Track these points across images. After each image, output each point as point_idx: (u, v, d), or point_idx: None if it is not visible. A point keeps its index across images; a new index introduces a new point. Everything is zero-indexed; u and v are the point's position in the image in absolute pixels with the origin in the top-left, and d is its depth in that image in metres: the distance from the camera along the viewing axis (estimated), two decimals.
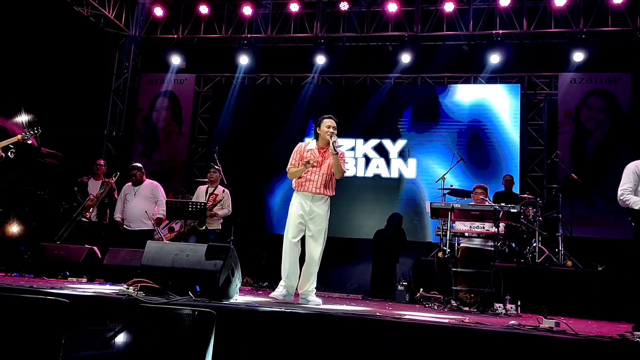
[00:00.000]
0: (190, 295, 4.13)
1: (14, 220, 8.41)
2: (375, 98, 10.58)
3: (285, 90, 11.33)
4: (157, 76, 11.68)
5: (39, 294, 3.64)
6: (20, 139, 5.27)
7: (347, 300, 7.05)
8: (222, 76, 11.68)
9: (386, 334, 3.43)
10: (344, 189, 10.30)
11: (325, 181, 5.20)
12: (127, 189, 7.53)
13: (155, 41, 11.70)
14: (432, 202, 6.37)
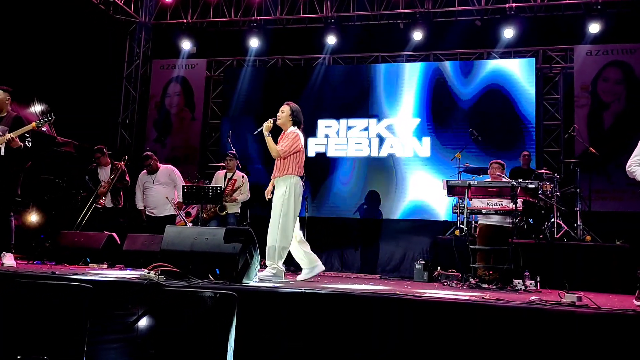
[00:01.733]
0: (210, 278, 4.16)
1: (33, 209, 8.52)
2: (387, 77, 10.49)
3: (297, 72, 11.27)
4: (168, 62, 11.67)
5: (62, 280, 3.69)
6: (34, 126, 5.28)
7: (364, 280, 7.07)
8: (232, 60, 11.64)
9: (406, 312, 3.43)
10: (357, 170, 10.30)
11: (277, 164, 5.35)
12: (144, 177, 7.57)
13: (165, 27, 11.68)
14: (448, 180, 6.33)
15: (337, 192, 10.33)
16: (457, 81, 10.16)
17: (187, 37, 11.28)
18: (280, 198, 5.20)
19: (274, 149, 5.26)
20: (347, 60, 11.16)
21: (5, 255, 5.17)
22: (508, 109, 9.84)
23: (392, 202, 10.03)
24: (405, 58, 10.73)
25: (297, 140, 5.32)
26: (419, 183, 10.00)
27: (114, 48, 11.59)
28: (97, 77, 11.01)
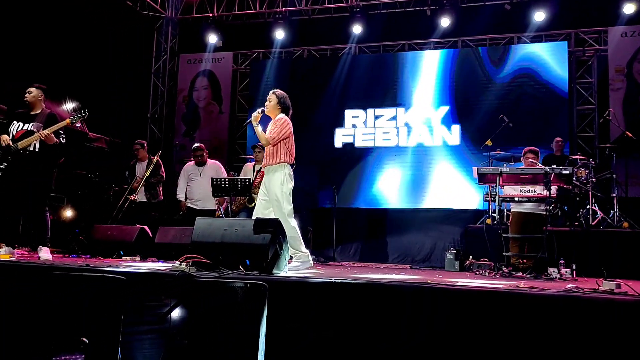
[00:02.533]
0: (240, 269, 4.17)
1: (68, 204, 8.69)
2: (414, 65, 10.37)
3: (323, 63, 11.21)
4: (195, 56, 11.75)
5: (97, 272, 3.74)
6: (69, 122, 5.37)
7: (394, 270, 7.01)
8: (258, 52, 11.65)
9: (439, 301, 3.38)
10: (386, 159, 10.22)
11: (268, 152, 5.30)
12: (191, 169, 7.65)
13: (191, 21, 11.75)
14: (479, 167, 6.21)
15: (365, 182, 10.27)
16: (486, 67, 9.98)
17: (213, 31, 11.33)
18: (279, 188, 5.16)
19: (263, 137, 5.24)
20: (373, 49, 11.06)
21: (41, 249, 5.28)
22: (540, 94, 9.64)
23: (421, 191, 9.93)
24: (432, 45, 10.59)
25: (286, 126, 5.31)
26: (448, 172, 9.88)
27: (142, 44, 11.72)
28: (126, 73, 11.16)
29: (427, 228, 9.86)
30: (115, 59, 10.70)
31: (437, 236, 9.75)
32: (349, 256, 9.89)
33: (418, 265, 8.66)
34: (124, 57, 10.96)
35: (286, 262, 4.58)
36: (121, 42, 10.79)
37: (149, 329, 3.69)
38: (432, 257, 9.48)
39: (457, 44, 10.52)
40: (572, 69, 9.84)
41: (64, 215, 8.58)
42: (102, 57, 10.40)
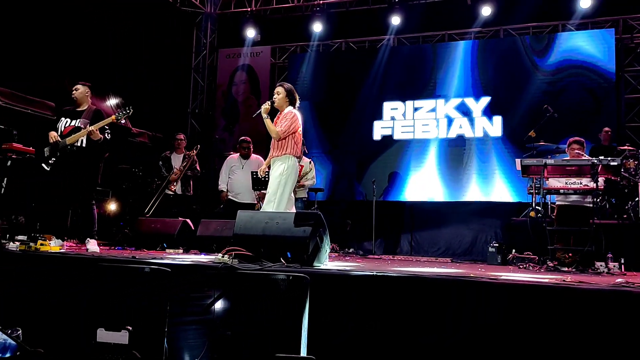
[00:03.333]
0: (282, 261, 4.20)
1: (113, 197, 8.92)
2: (454, 55, 10.19)
3: (361, 55, 11.15)
4: (234, 50, 11.85)
5: (142, 264, 3.83)
6: (114, 119, 5.49)
7: (435, 263, 6.95)
8: (296, 45, 11.67)
9: (482, 295, 3.34)
10: (424, 152, 10.11)
11: (274, 144, 5.34)
12: (234, 161, 7.74)
13: (229, 16, 11.85)
14: (523, 159, 6.09)
15: (405, 175, 10.18)
16: (529, 57, 9.74)
17: (252, 25, 11.40)
18: (278, 178, 5.21)
19: (274, 130, 5.26)
20: (412, 41, 10.94)
21: (89, 242, 5.43)
22: (586, 83, 9.36)
23: (462, 183, 9.79)
24: (473, 35, 10.40)
25: (295, 120, 5.32)
26: (489, 164, 9.71)
27: (182, 39, 11.90)
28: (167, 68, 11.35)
29: (467, 221, 9.73)
30: (156, 55, 10.89)
31: (478, 229, 9.62)
32: (389, 249, 9.85)
33: (459, 259, 8.55)
34: (164, 53, 11.15)
35: (327, 255, 4.60)
36: (162, 38, 10.98)
37: (193, 320, 3.75)
38: (473, 251, 9.36)
39: (498, 34, 10.30)
40: (620, 56, 9.50)
41: (108, 209, 8.80)
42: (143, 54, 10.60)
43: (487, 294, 3.32)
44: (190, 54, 12.09)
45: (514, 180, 9.27)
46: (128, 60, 10.24)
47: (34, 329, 3.90)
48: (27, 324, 3.89)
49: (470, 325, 3.27)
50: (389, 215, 9.97)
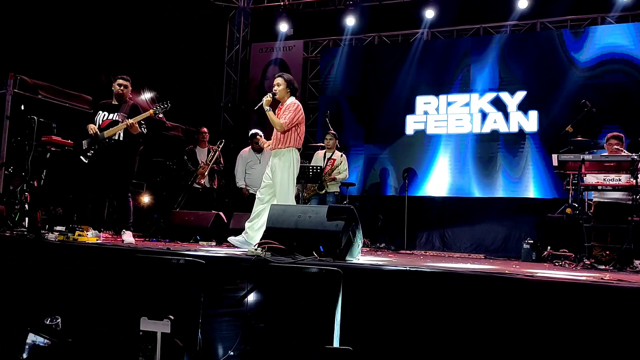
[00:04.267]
0: (314, 255, 4.21)
1: (147, 190, 9.07)
2: (489, 49, 10.01)
3: (394, 49, 11.06)
4: (266, 45, 11.89)
5: (177, 255, 3.88)
6: (152, 113, 5.58)
7: (468, 259, 6.88)
8: (329, 39, 11.65)
9: (517, 292, 3.29)
10: (458, 147, 10.00)
11: (277, 136, 5.28)
12: (249, 156, 7.77)
13: (263, 10, 11.90)
14: (560, 154, 5.96)
15: (438, 170, 10.08)
16: (567, 50, 9.51)
17: (284, 19, 11.42)
18: (283, 170, 5.16)
19: (277, 122, 5.19)
20: (446, 34, 10.80)
21: (125, 233, 5.54)
22: (625, 77, 9.09)
23: (496, 179, 9.65)
24: (509, 29, 10.20)
25: (299, 111, 5.28)
26: (525, 159, 9.54)
27: (215, 34, 12.00)
28: (200, 63, 11.46)
29: (501, 217, 9.60)
30: (189, 49, 11.01)
31: (511, 225, 9.48)
32: (420, 244, 9.79)
33: (492, 255, 8.44)
34: (198, 47, 11.26)
35: (359, 249, 4.59)
36: (196, 32, 11.09)
37: (227, 312, 3.80)
38: (506, 247, 9.22)
39: (535, 27, 10.09)
40: None
41: (142, 201, 8.95)
42: (178, 48, 10.73)
43: (523, 291, 3.27)
44: (223, 48, 12.18)
45: (550, 176, 9.09)
46: (162, 55, 10.38)
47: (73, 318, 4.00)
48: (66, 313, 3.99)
49: (506, 322, 3.23)
50: (421, 210, 9.90)
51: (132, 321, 3.48)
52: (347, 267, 3.62)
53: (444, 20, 10.45)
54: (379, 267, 3.77)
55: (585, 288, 3.22)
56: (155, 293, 3.64)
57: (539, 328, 3.16)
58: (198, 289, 3.59)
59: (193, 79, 11.19)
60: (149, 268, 3.75)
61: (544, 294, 3.23)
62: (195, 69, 11.26)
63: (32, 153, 5.89)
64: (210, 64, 11.97)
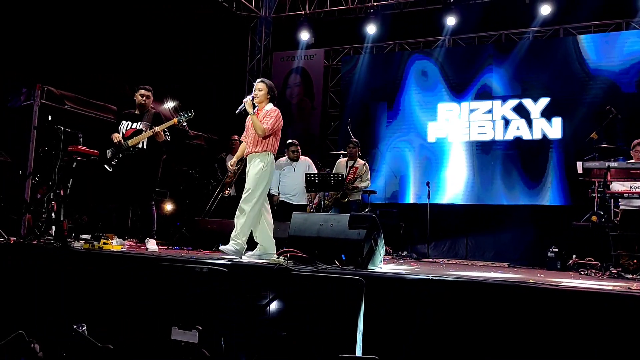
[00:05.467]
0: (336, 263, 4.21)
1: (170, 198, 9.17)
2: (512, 55, 9.95)
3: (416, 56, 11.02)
4: (287, 53, 11.97)
5: (200, 264, 3.92)
6: (176, 122, 5.62)
7: (492, 268, 6.81)
8: (350, 48, 11.68)
9: (543, 302, 3.24)
10: (480, 154, 9.92)
11: (255, 140, 5.19)
12: (284, 163, 7.81)
13: (284, 19, 11.99)
14: (584, 162, 5.88)
15: (460, 177, 10.02)
16: (591, 56, 9.39)
17: (306, 28, 11.48)
18: (257, 174, 5.10)
19: (260, 127, 5.12)
20: (467, 41, 10.75)
21: (149, 241, 5.60)
22: None
23: (519, 186, 9.55)
24: (531, 35, 10.12)
25: (279, 118, 5.26)
26: (548, 166, 9.42)
27: (237, 43, 12.10)
28: (222, 72, 11.57)
29: (524, 225, 9.46)
30: (212, 58, 11.12)
31: (535, 233, 9.33)
32: (443, 253, 9.71)
33: (516, 264, 8.33)
34: (220, 56, 11.37)
35: (382, 258, 4.58)
36: (217, 42, 11.21)
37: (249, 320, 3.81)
38: (530, 255, 9.07)
39: (558, 33, 9.99)
40: None
41: (165, 209, 9.05)
42: (200, 57, 10.85)
43: (548, 301, 3.22)
44: (245, 57, 12.29)
45: (574, 184, 8.95)
46: (185, 64, 10.50)
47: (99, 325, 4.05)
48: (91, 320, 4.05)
49: (530, 333, 3.19)
50: (443, 218, 9.82)
51: (160, 329, 3.51)
52: (369, 276, 3.61)
53: (465, 27, 10.40)
54: (401, 275, 3.75)
55: (612, 298, 3.16)
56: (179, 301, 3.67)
57: (564, 338, 3.11)
58: (221, 297, 3.61)
59: (215, 87, 11.30)
60: (173, 276, 3.79)
61: (569, 303, 3.18)
62: (217, 78, 11.36)
63: (59, 162, 5.98)
64: (233, 73, 12.08)
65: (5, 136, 7.86)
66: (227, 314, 3.66)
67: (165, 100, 10.06)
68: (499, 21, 10.37)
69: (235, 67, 12.15)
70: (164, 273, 3.86)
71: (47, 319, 4.26)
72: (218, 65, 11.38)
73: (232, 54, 11.98)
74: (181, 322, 3.47)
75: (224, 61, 11.59)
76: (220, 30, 11.36)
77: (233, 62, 12.07)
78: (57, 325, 3.97)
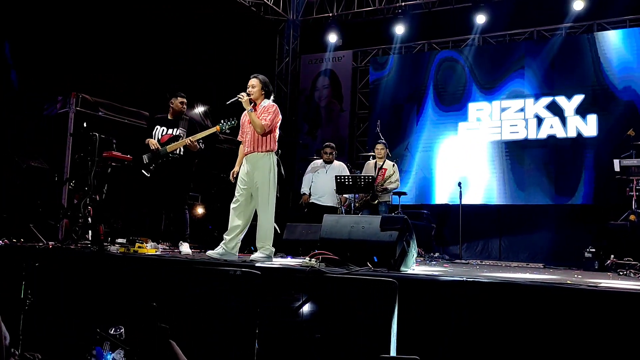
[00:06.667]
0: (368, 265, 4.19)
1: (201, 202, 9.27)
2: (544, 52, 9.78)
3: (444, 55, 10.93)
4: (315, 56, 12.00)
5: (234, 266, 3.95)
6: (218, 129, 5.56)
7: (527, 269, 6.69)
8: (378, 48, 11.65)
9: (581, 304, 3.17)
10: (513, 153, 9.76)
11: (254, 139, 5.06)
12: (318, 165, 7.84)
13: (312, 22, 12.02)
14: (622, 160, 5.75)
15: (492, 177, 9.88)
16: (628, 51, 9.17)
17: (333, 30, 11.50)
18: (267, 177, 4.99)
19: (259, 124, 4.97)
20: (498, 39, 10.61)
21: (182, 244, 5.68)
22: None
23: (553, 185, 9.38)
24: (564, 31, 9.92)
25: (278, 113, 5.12)
26: (584, 164, 9.23)
27: (265, 47, 12.18)
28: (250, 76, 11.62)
29: (559, 224, 9.29)
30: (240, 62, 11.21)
31: (570, 233, 9.15)
32: (476, 254, 9.59)
33: (551, 264, 8.17)
34: (248, 60, 11.45)
35: (414, 260, 4.54)
36: (246, 46, 11.30)
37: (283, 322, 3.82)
38: (566, 256, 8.88)
39: (592, 28, 9.78)
40: None
41: (197, 213, 9.15)
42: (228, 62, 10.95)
43: (588, 303, 3.15)
44: (273, 60, 12.36)
45: (610, 182, 8.73)
46: (213, 69, 10.61)
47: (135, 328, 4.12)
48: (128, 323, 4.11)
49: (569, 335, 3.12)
50: (475, 218, 9.69)
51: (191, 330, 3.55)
52: (402, 278, 3.59)
53: (495, 25, 10.28)
54: (435, 277, 3.72)
55: None
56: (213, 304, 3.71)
57: (604, 341, 3.04)
58: (254, 299, 3.64)
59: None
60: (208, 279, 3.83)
61: (609, 305, 3.10)
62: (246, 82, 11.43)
63: (94, 168, 6.10)
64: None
65: (43, 143, 8.06)
66: (260, 316, 3.68)
67: (195, 105, 10.18)
68: (531, 18, 10.21)
69: (264, 70, 12.19)
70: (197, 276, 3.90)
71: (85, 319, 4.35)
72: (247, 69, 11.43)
73: (261, 57, 12.06)
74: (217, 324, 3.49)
75: (252, 65, 11.65)
76: (249, 34, 11.45)
77: (261, 66, 12.13)
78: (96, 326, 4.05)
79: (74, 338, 4.28)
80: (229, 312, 3.66)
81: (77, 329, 4.35)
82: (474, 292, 3.42)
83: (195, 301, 3.86)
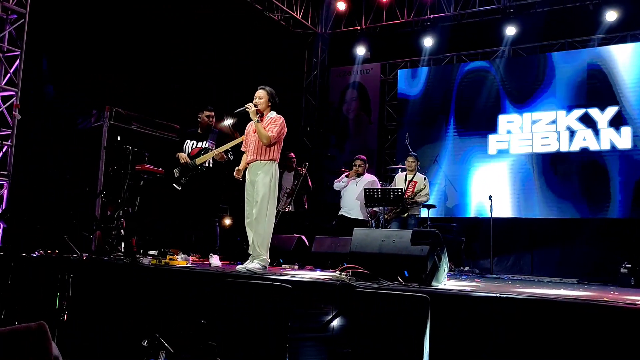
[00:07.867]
0: (399, 280, 4.16)
1: (230, 214, 9.32)
2: (576, 63, 9.64)
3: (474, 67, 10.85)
4: (344, 69, 12.04)
5: (265, 280, 3.96)
6: (243, 138, 5.64)
7: (561, 284, 6.55)
8: (406, 61, 11.63)
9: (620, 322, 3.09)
10: (544, 166, 9.61)
11: (258, 148, 5.14)
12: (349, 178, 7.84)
13: (340, 35, 12.08)
14: None
15: (524, 190, 9.74)
16: None
17: (362, 43, 11.55)
18: (267, 185, 5.01)
19: (265, 135, 5.05)
20: (528, 51, 10.50)
21: (212, 257, 5.73)
22: None
23: (587, 199, 9.19)
24: (596, 42, 9.76)
25: (284, 125, 5.20)
26: (618, 177, 9.03)
27: (294, 60, 12.27)
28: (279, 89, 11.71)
29: (593, 239, 9.07)
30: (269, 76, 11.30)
31: (605, 248, 8.93)
32: (507, 268, 9.43)
33: (585, 280, 7.99)
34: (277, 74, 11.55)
35: (445, 274, 4.49)
36: (275, 60, 11.40)
37: (313, 337, 3.82)
38: (600, 271, 8.68)
39: (625, 39, 9.60)
40: None
41: (225, 224, 9.20)
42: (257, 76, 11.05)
43: (626, 321, 3.07)
44: (302, 73, 12.44)
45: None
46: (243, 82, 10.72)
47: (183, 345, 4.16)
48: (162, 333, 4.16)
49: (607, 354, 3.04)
50: (506, 232, 9.54)
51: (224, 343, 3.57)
52: (433, 293, 3.55)
53: (525, 36, 10.18)
54: (467, 292, 3.67)
55: None
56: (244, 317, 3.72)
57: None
58: (285, 313, 3.64)
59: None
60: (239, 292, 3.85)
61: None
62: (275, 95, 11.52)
63: (127, 181, 6.21)
64: (290, 90, 12.24)
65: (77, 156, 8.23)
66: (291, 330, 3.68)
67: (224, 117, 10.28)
68: (562, 29, 10.08)
69: (293, 84, 12.31)
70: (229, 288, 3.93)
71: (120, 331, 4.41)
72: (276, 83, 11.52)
73: (290, 70, 12.16)
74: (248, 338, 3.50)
75: (281, 78, 11.76)
76: (278, 48, 11.56)
77: (290, 79, 12.23)
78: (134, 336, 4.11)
79: (107, 348, 4.34)
80: (259, 326, 3.66)
81: (110, 340, 4.41)
82: (509, 309, 3.37)
83: (227, 314, 3.88)
